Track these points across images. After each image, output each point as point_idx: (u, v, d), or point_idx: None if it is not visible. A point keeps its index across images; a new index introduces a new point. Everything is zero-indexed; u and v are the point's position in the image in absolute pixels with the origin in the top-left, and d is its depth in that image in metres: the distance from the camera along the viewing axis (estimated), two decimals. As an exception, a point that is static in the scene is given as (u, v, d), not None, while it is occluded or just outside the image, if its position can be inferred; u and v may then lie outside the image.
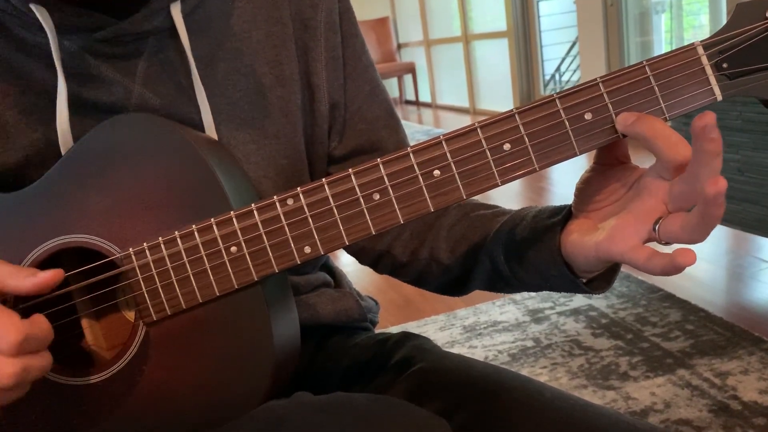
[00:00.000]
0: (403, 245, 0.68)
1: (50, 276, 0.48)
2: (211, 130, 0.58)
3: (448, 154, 0.48)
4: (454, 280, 0.66)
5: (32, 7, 0.53)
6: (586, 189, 0.51)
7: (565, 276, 0.52)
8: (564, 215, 0.53)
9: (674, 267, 0.43)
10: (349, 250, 0.71)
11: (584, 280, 0.53)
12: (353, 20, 0.68)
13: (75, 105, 0.56)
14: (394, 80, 7.48)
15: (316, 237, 0.50)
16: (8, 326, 0.44)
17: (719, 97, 0.47)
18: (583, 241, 0.49)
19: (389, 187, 0.49)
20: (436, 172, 0.49)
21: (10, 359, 0.44)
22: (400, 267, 0.69)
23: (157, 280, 0.52)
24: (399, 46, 7.65)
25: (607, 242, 0.47)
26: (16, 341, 0.43)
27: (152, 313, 0.52)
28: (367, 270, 0.74)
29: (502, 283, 0.61)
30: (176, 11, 0.57)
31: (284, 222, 0.50)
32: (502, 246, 0.58)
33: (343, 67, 0.67)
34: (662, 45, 3.96)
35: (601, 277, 0.54)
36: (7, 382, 0.44)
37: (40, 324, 0.46)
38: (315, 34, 0.65)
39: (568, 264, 0.52)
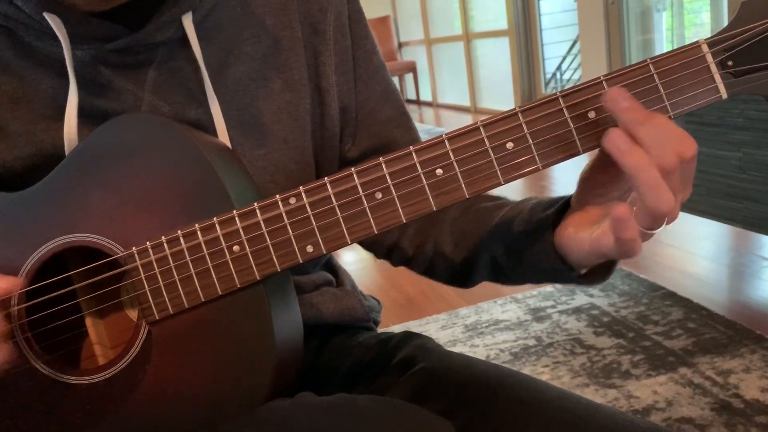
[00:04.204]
0: (409, 239, 0.69)
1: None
2: (223, 135, 0.59)
3: (451, 153, 0.48)
4: (459, 273, 0.66)
5: (46, 16, 0.53)
6: (590, 178, 0.50)
7: (558, 269, 0.52)
8: (558, 208, 0.53)
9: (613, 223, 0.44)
10: (363, 244, 0.72)
11: (582, 271, 0.53)
12: (363, 21, 0.68)
13: (84, 113, 0.57)
14: (395, 79, 7.45)
15: (319, 236, 0.50)
16: None
17: (724, 96, 0.46)
18: (578, 236, 0.49)
19: (391, 186, 0.49)
20: (439, 171, 0.49)
21: None
22: (410, 259, 0.70)
23: (159, 279, 0.52)
24: (400, 45, 7.64)
25: (601, 237, 0.47)
26: None
27: (155, 312, 0.52)
28: (369, 270, 0.74)
29: (503, 276, 0.62)
30: (188, 22, 0.57)
31: (286, 221, 0.50)
32: (499, 239, 0.59)
33: (354, 70, 0.67)
34: (663, 43, 3.96)
35: (598, 270, 0.54)
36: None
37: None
38: (324, 37, 0.65)
39: (563, 257, 0.52)
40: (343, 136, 0.68)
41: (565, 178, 3.30)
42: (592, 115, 0.47)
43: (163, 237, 0.51)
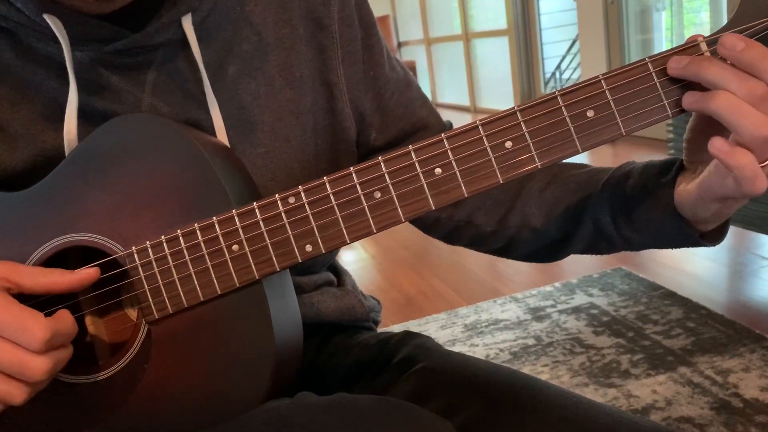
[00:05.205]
0: (486, 214, 0.67)
1: (91, 273, 0.51)
2: (222, 135, 0.59)
3: (450, 152, 0.48)
4: (550, 245, 0.65)
5: (46, 17, 0.53)
6: (696, 138, 0.51)
7: (681, 231, 0.54)
8: (675, 172, 0.54)
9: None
10: (419, 224, 0.71)
11: (704, 228, 0.54)
12: (370, 9, 0.69)
13: (84, 114, 0.57)
14: (394, 79, 7.46)
15: (317, 235, 0.50)
16: (36, 325, 0.46)
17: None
18: (688, 188, 0.51)
19: (390, 186, 0.49)
20: (438, 170, 0.49)
21: (41, 357, 0.47)
22: (485, 237, 0.68)
23: (159, 278, 0.52)
24: (399, 45, 7.64)
25: (708, 175, 0.48)
26: (44, 339, 0.46)
27: (154, 311, 0.52)
28: (369, 270, 0.74)
29: (605, 244, 0.61)
30: (187, 23, 0.57)
31: (285, 220, 0.50)
32: (608, 206, 0.58)
33: (371, 57, 0.67)
34: (663, 43, 3.96)
35: (714, 229, 0.55)
36: (41, 377, 0.47)
37: (65, 319, 0.49)
38: (329, 31, 0.64)
39: (684, 218, 0.53)
40: (363, 127, 0.68)
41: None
42: (590, 113, 0.47)
43: (162, 236, 0.51)
